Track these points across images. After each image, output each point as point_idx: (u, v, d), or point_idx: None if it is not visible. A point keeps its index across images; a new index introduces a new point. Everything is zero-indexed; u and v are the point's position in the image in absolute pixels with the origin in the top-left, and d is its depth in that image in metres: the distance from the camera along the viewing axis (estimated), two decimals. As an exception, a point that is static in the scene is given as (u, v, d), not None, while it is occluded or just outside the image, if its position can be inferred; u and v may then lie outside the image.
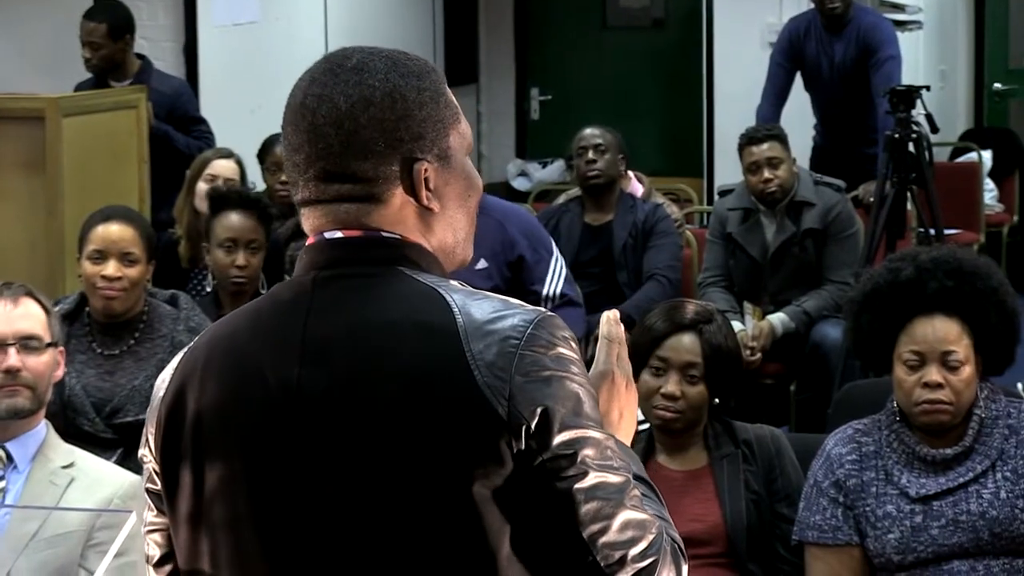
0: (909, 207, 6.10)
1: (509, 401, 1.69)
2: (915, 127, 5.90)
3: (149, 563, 1.89)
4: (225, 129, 6.80)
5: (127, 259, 4.26)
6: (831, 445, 3.34)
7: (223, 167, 5.71)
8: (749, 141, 5.94)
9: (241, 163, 5.84)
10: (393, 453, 1.70)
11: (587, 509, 1.70)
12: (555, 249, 5.14)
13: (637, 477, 1.77)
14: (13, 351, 3.44)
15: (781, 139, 5.93)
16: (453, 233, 1.84)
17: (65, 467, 3.38)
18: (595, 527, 1.70)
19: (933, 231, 5.93)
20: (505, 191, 9.51)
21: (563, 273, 5.08)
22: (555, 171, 9.63)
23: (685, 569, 1.77)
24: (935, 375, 3.23)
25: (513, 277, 4.96)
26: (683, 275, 6.20)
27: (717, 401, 3.57)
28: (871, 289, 3.37)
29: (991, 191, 9.07)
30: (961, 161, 9.08)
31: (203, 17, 7.66)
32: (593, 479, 1.70)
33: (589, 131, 6.21)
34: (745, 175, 5.95)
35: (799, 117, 7.31)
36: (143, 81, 6.41)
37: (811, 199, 5.87)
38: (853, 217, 6.00)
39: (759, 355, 5.76)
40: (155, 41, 7.51)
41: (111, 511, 3.27)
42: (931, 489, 3.24)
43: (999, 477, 3.24)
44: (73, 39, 6.63)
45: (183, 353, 1.85)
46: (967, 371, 3.25)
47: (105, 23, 6.53)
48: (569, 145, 6.33)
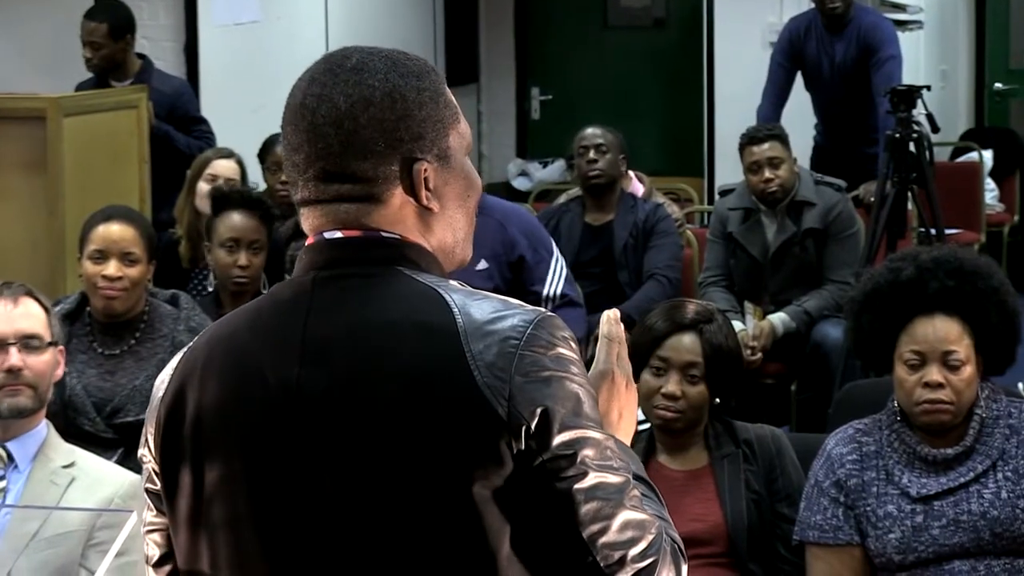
0: (910, 207, 6.10)
1: (509, 401, 1.69)
2: (916, 127, 5.90)
3: (148, 563, 1.89)
4: (226, 129, 6.80)
5: (128, 259, 4.26)
6: (832, 445, 3.34)
7: (224, 167, 5.71)
8: (750, 141, 5.94)
9: (242, 163, 5.83)
10: (393, 453, 1.70)
11: (587, 509, 1.70)
12: (555, 249, 5.14)
13: (637, 477, 1.77)
14: (14, 350, 3.44)
15: (782, 139, 5.93)
16: (453, 233, 1.84)
17: (66, 467, 3.38)
18: (595, 527, 1.70)
19: (934, 231, 5.92)
20: (505, 191, 9.51)
21: (563, 273, 5.08)
22: (556, 171, 9.63)
23: (685, 569, 1.77)
24: (936, 375, 3.23)
25: (514, 278, 4.96)
26: (684, 275, 6.20)
27: (718, 401, 3.57)
28: (872, 289, 3.37)
29: (992, 191, 9.07)
30: (962, 161, 9.08)
31: (204, 17, 7.66)
32: (593, 479, 1.70)
33: (590, 131, 6.21)
34: (746, 175, 5.94)
35: (800, 117, 7.31)
36: (144, 81, 6.41)
37: (812, 199, 5.87)
38: (854, 217, 6.00)
39: (760, 355, 5.76)
40: (156, 41, 7.51)
41: (112, 511, 3.27)
42: (932, 489, 3.24)
43: (1000, 477, 3.24)
44: (74, 39, 6.63)
45: (182, 353, 1.85)
46: (968, 371, 3.25)
47: (106, 23, 6.53)
48: (569, 145, 6.32)
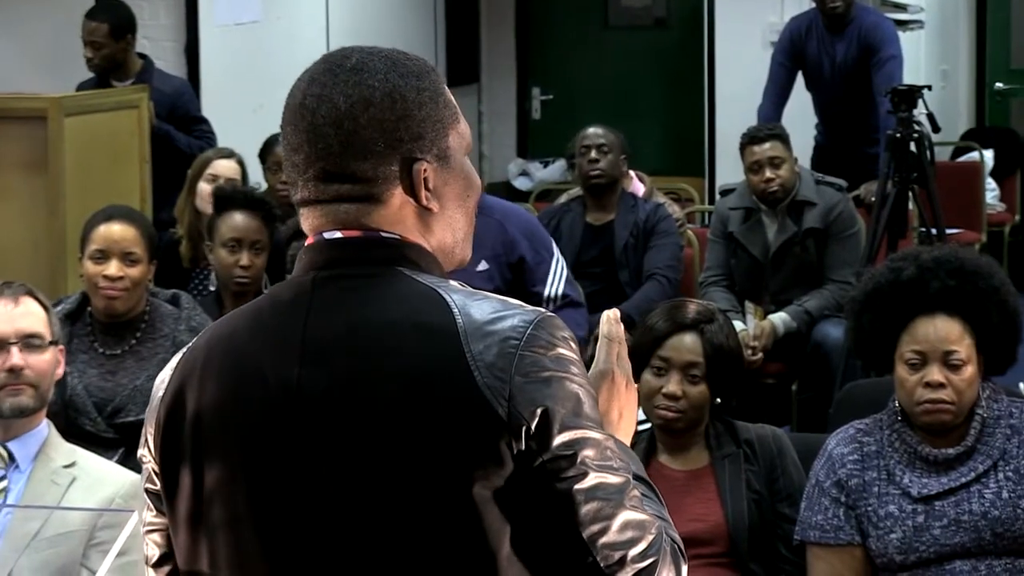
0: (911, 207, 6.09)
1: (509, 402, 1.69)
2: (917, 126, 5.89)
3: (148, 563, 1.88)
4: (226, 129, 6.80)
5: (129, 259, 4.26)
6: (833, 445, 3.34)
7: (224, 167, 5.71)
8: (751, 140, 5.94)
9: (242, 163, 5.83)
10: (393, 454, 1.69)
11: (587, 510, 1.70)
12: (556, 249, 5.13)
13: (637, 477, 1.77)
14: (16, 350, 3.44)
15: (783, 138, 5.93)
16: (452, 233, 1.84)
17: (67, 466, 3.38)
18: (595, 527, 1.70)
19: (935, 231, 5.92)
20: (506, 191, 9.51)
21: (564, 274, 5.07)
22: (556, 171, 9.62)
23: (685, 569, 1.77)
24: (937, 375, 3.23)
25: (514, 279, 4.95)
26: (684, 275, 6.20)
27: (719, 401, 3.57)
28: (872, 289, 3.36)
29: (993, 191, 9.06)
30: (963, 161, 9.07)
31: (204, 17, 7.66)
32: (593, 480, 1.70)
33: (592, 130, 6.21)
34: (747, 174, 5.94)
35: (800, 116, 7.31)
36: (145, 81, 6.41)
37: (813, 198, 5.87)
38: (854, 216, 5.99)
39: (760, 355, 5.75)
40: (157, 41, 7.52)
41: (113, 511, 3.27)
42: (933, 489, 3.24)
43: (1001, 477, 3.24)
44: (75, 39, 6.63)
45: (182, 353, 1.85)
46: (969, 371, 3.25)
47: (107, 23, 6.53)
48: (570, 145, 6.32)
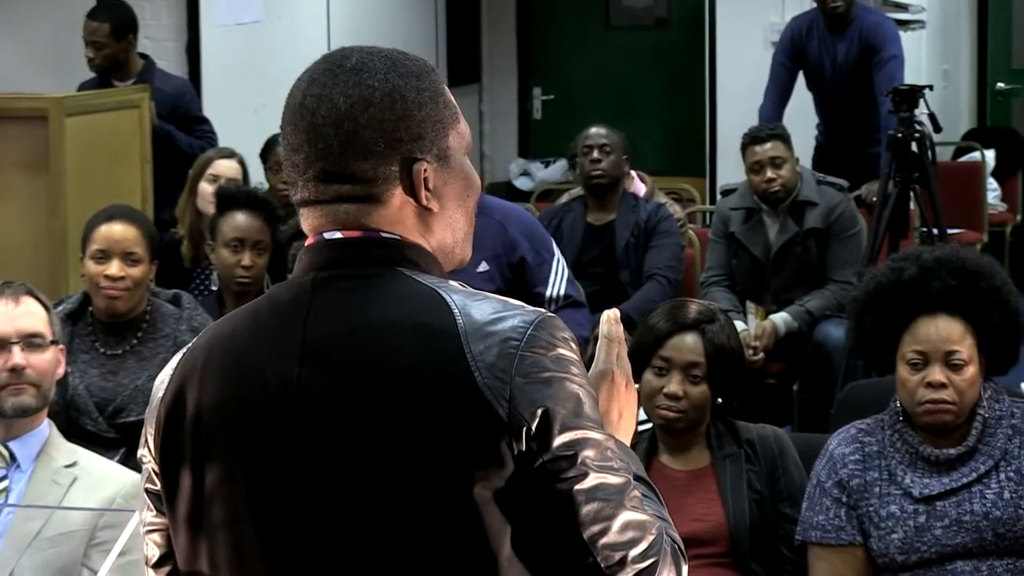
0: (912, 207, 6.09)
1: (509, 402, 1.69)
2: (918, 126, 5.89)
3: (148, 564, 1.88)
4: (228, 129, 6.80)
5: (130, 259, 4.26)
6: (834, 445, 3.34)
7: (225, 167, 5.71)
8: (752, 140, 5.94)
9: (243, 163, 5.84)
10: (393, 454, 1.69)
11: (587, 510, 1.70)
12: (556, 249, 5.12)
13: (637, 477, 1.76)
14: (17, 349, 3.45)
15: (784, 138, 5.93)
16: (452, 233, 1.84)
17: (68, 466, 3.39)
18: (595, 528, 1.70)
19: (936, 231, 5.92)
20: (507, 191, 9.51)
21: (565, 274, 5.06)
22: (557, 171, 9.62)
23: (685, 569, 1.77)
24: (938, 375, 3.23)
25: (515, 279, 4.94)
26: (686, 275, 6.20)
27: (720, 401, 3.56)
28: (874, 289, 3.36)
29: (994, 191, 9.05)
30: (964, 161, 9.07)
31: (206, 16, 7.67)
32: (593, 480, 1.70)
33: (595, 130, 6.21)
34: (748, 174, 5.94)
35: (802, 116, 7.30)
36: (146, 81, 6.41)
37: (814, 198, 5.87)
38: (856, 217, 5.99)
39: (762, 355, 5.75)
40: (158, 40, 7.52)
41: (114, 510, 3.27)
42: (934, 489, 3.23)
43: (1003, 477, 3.24)
44: (76, 39, 6.63)
45: (182, 353, 1.84)
46: (970, 371, 3.24)
47: (108, 23, 6.53)
48: (571, 145, 6.32)
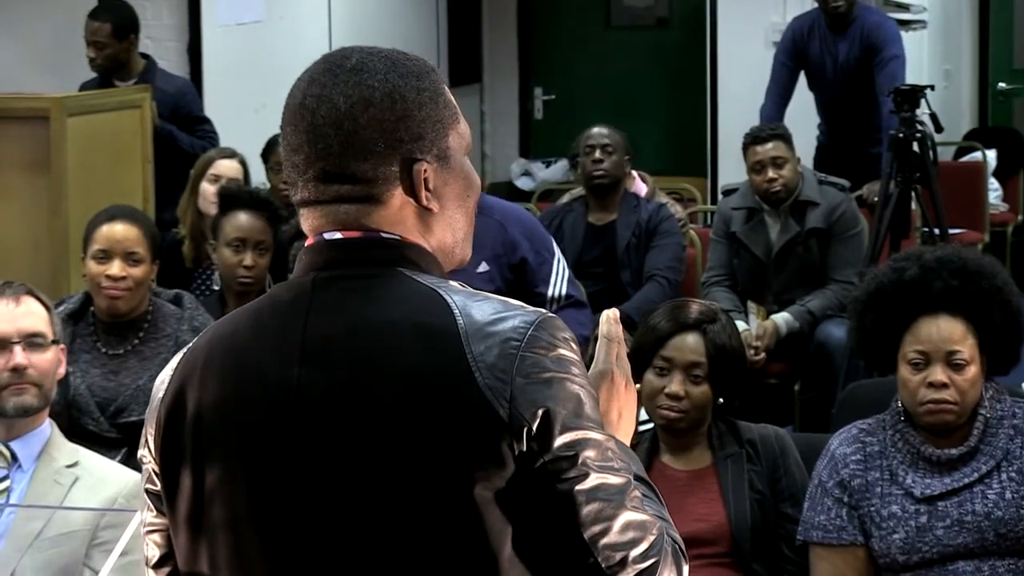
0: (913, 206, 6.10)
1: (510, 403, 1.68)
2: (919, 126, 5.89)
3: (148, 565, 1.88)
4: (229, 129, 6.80)
5: (131, 259, 4.26)
6: (835, 445, 3.34)
7: (227, 167, 5.72)
8: (753, 140, 5.94)
9: (245, 163, 5.84)
10: (393, 454, 1.69)
11: (588, 511, 1.70)
12: (556, 249, 5.12)
13: (638, 478, 1.76)
14: (18, 349, 3.45)
15: (785, 138, 5.93)
16: (452, 233, 1.84)
17: (69, 466, 3.39)
18: (596, 528, 1.70)
19: (937, 230, 5.92)
20: (508, 191, 9.51)
21: (566, 273, 5.06)
22: (559, 171, 9.62)
23: (686, 570, 1.77)
24: (940, 375, 3.22)
25: (516, 279, 4.93)
26: (687, 275, 6.20)
27: (721, 401, 3.56)
28: (875, 288, 3.36)
29: (995, 190, 9.05)
30: (965, 160, 9.07)
31: (207, 16, 7.67)
32: (594, 480, 1.70)
33: (597, 130, 6.21)
34: (749, 174, 5.94)
35: (803, 116, 7.30)
36: (147, 80, 6.41)
37: (815, 198, 5.87)
38: (857, 216, 5.99)
39: (763, 355, 5.75)
40: (159, 40, 7.52)
41: (116, 510, 3.27)
42: (936, 489, 3.23)
43: (1004, 477, 3.23)
44: (78, 39, 6.63)
45: (182, 353, 1.84)
46: (972, 371, 3.24)
47: (110, 23, 6.53)
48: (573, 144, 6.32)
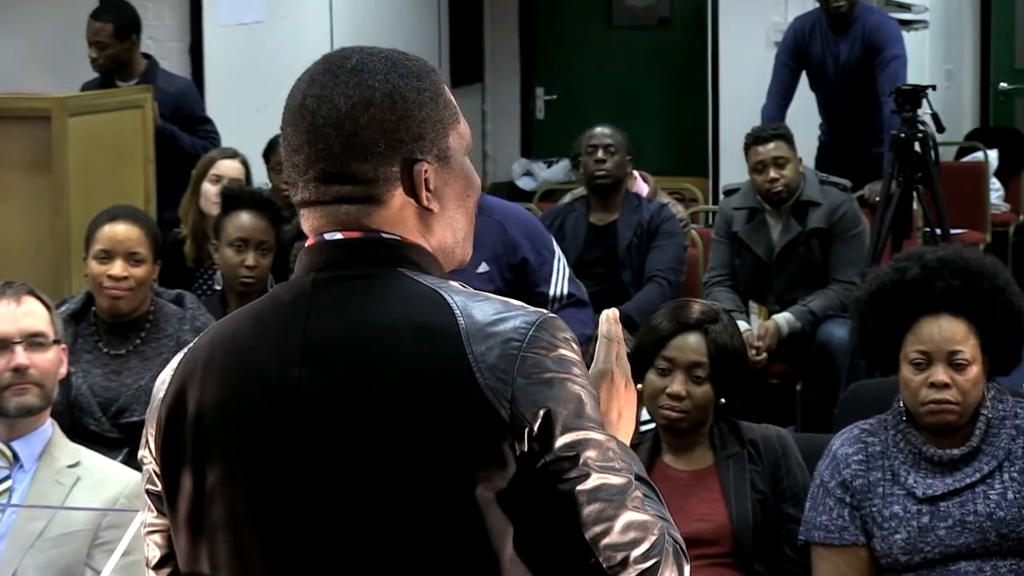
0: (915, 207, 6.10)
1: (511, 403, 1.68)
2: (921, 126, 5.89)
3: (148, 566, 1.88)
4: (230, 129, 6.80)
5: (133, 259, 4.27)
6: (837, 445, 3.34)
7: (228, 167, 5.72)
8: (755, 140, 5.94)
9: (246, 163, 5.84)
10: (394, 455, 1.69)
11: (589, 511, 1.70)
12: (556, 248, 5.11)
13: (638, 478, 1.76)
14: (20, 349, 3.45)
15: (787, 138, 5.93)
16: (452, 233, 1.84)
17: (71, 466, 3.39)
18: (597, 529, 1.70)
19: (939, 231, 5.92)
20: (510, 191, 9.51)
21: (567, 272, 5.05)
22: (560, 170, 9.62)
23: (687, 570, 1.77)
24: (942, 375, 3.22)
25: (516, 279, 4.93)
26: (688, 275, 6.19)
27: (723, 401, 3.56)
28: (877, 289, 3.36)
29: (997, 191, 9.04)
30: (967, 161, 9.07)
31: (209, 17, 7.67)
32: (595, 481, 1.70)
33: (600, 130, 6.21)
34: (751, 174, 5.94)
35: (804, 116, 7.30)
36: (149, 81, 6.41)
37: (817, 199, 5.87)
38: (859, 217, 5.99)
39: (765, 355, 5.75)
40: (161, 41, 7.52)
41: (117, 510, 3.27)
42: (938, 489, 3.23)
43: (1006, 478, 3.23)
44: (79, 39, 6.63)
45: (183, 353, 1.84)
46: (974, 371, 3.24)
47: (111, 23, 6.53)
48: (574, 144, 6.32)
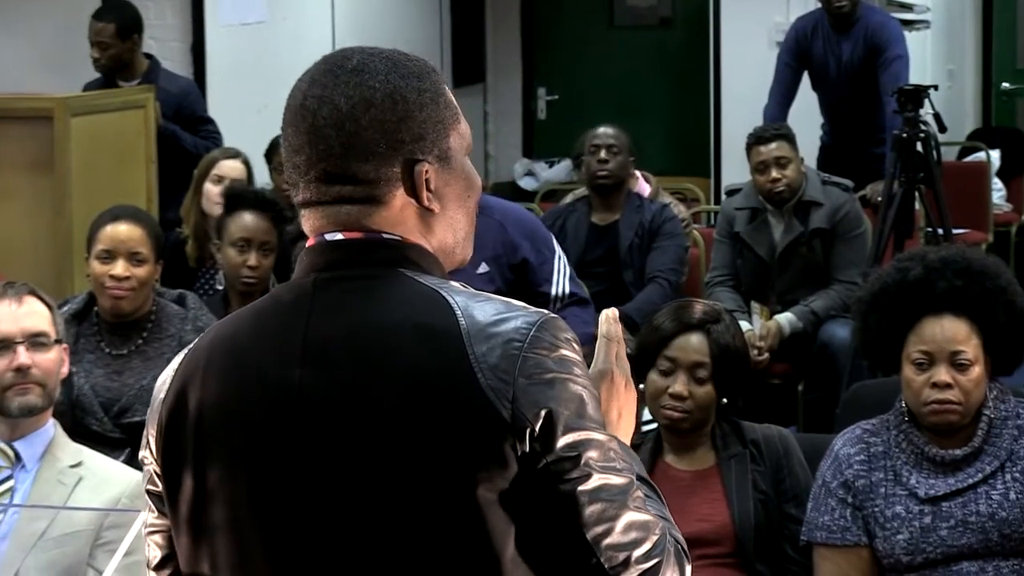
0: (917, 207, 6.09)
1: (513, 404, 1.68)
2: (923, 126, 5.89)
3: (149, 566, 1.88)
4: (232, 129, 6.80)
5: (135, 259, 4.27)
6: (839, 445, 3.34)
7: (230, 167, 5.72)
8: (757, 141, 5.94)
9: (248, 163, 5.84)
10: (395, 456, 1.69)
11: (591, 511, 1.70)
12: (556, 247, 5.11)
13: (639, 478, 1.76)
14: (22, 349, 3.45)
15: (789, 139, 5.93)
16: (453, 233, 1.84)
17: (73, 466, 3.39)
18: (599, 529, 1.70)
19: (941, 231, 5.92)
20: (512, 191, 9.51)
21: (567, 271, 5.05)
22: (562, 171, 9.62)
23: (688, 570, 1.77)
24: (944, 375, 3.22)
25: (517, 279, 4.93)
26: (690, 275, 6.20)
27: (725, 401, 3.56)
28: (879, 289, 3.36)
29: (999, 191, 9.04)
30: (969, 160, 9.07)
31: (210, 17, 7.68)
32: (597, 481, 1.70)
33: (603, 130, 6.21)
34: (753, 175, 5.94)
35: (806, 116, 7.30)
36: (151, 81, 6.42)
37: (819, 199, 5.87)
38: (861, 217, 5.99)
39: (767, 355, 5.75)
40: (163, 41, 7.52)
41: (119, 510, 3.27)
42: (940, 490, 3.23)
43: (1008, 478, 3.23)
44: (81, 39, 6.64)
45: (184, 353, 1.84)
46: (976, 371, 3.24)
47: (113, 23, 6.54)
48: (576, 144, 6.32)
